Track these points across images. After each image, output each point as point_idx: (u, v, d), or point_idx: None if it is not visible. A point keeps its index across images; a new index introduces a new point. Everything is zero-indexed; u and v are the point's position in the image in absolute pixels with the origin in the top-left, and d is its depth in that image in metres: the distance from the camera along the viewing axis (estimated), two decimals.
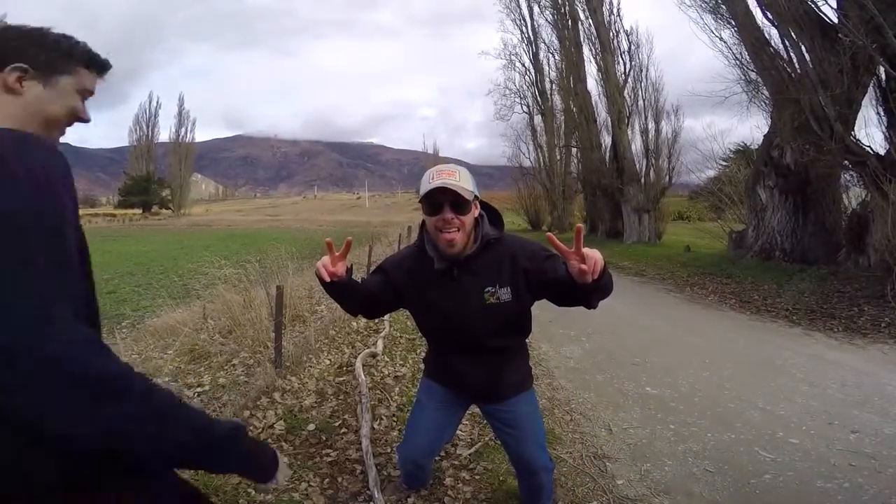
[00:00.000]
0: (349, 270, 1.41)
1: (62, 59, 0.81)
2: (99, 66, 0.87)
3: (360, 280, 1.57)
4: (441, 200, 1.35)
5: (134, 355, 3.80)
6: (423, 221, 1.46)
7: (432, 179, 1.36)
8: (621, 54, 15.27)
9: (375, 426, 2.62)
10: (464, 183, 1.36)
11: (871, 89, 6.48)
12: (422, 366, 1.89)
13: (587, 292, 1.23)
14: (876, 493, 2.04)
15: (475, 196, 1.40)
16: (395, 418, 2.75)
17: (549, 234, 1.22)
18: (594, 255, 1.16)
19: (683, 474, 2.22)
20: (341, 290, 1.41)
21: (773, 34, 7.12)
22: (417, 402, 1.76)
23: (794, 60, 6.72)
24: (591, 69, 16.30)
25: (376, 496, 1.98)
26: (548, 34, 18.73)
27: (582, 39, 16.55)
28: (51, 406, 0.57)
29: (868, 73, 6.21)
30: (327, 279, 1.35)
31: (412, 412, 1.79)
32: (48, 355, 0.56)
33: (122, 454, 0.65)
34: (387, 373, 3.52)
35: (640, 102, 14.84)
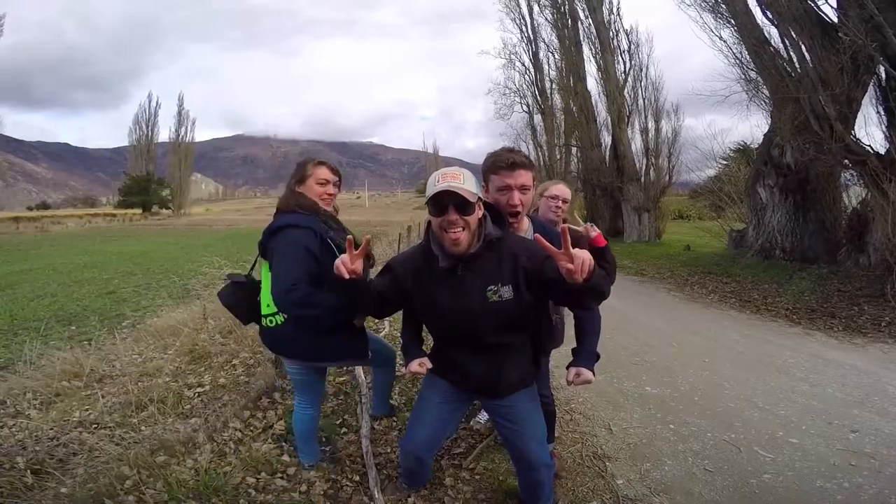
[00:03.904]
0: (366, 269, 1.46)
1: None
2: None
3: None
4: (446, 202, 1.41)
5: (134, 355, 3.80)
6: (429, 221, 1.50)
7: (437, 182, 1.42)
8: (621, 53, 15.25)
9: (375, 426, 2.62)
10: (468, 185, 1.42)
11: (871, 88, 6.47)
12: None
13: (579, 292, 1.27)
14: (875, 492, 2.04)
15: (478, 197, 1.46)
16: (394, 419, 2.75)
17: (536, 234, 1.25)
18: (582, 255, 1.21)
19: (683, 474, 2.22)
20: (357, 288, 1.48)
21: (772, 33, 7.12)
22: (420, 397, 1.80)
23: (794, 59, 6.71)
24: (590, 68, 16.27)
25: (376, 496, 1.98)
26: (547, 33, 18.66)
27: (582, 39, 16.50)
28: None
29: (868, 72, 6.20)
30: (346, 276, 1.41)
31: (415, 406, 1.82)
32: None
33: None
34: None
35: (640, 101, 14.84)
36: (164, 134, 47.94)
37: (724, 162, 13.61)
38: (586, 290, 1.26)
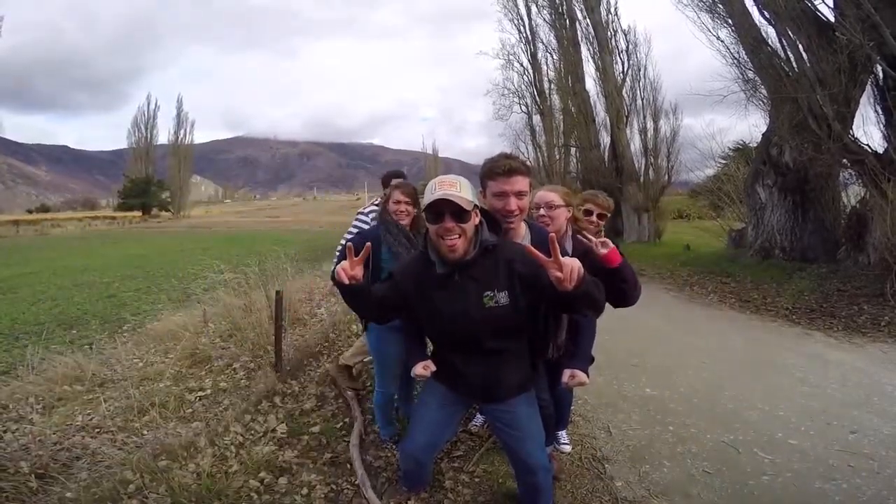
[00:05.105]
0: (366, 275, 1.51)
1: None
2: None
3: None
4: (443, 210, 1.43)
5: (135, 359, 3.82)
6: (427, 229, 1.53)
7: (434, 190, 1.45)
8: (619, 54, 15.23)
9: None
10: (464, 193, 1.45)
11: (868, 87, 6.46)
12: None
13: (571, 299, 1.31)
14: (874, 493, 2.05)
15: (475, 205, 1.48)
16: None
17: (526, 244, 1.27)
18: (571, 263, 1.25)
19: (682, 476, 2.23)
20: (357, 293, 1.50)
21: (770, 33, 7.12)
22: (420, 401, 1.83)
23: (792, 59, 6.71)
24: (589, 69, 16.21)
25: (374, 500, 2.00)
26: (546, 34, 18.60)
27: (580, 39, 16.48)
28: None
29: (866, 71, 6.19)
30: (346, 282, 1.43)
31: (415, 410, 1.86)
32: None
33: None
34: None
35: (639, 101, 14.81)
36: (163, 136, 47.89)
37: (724, 161, 13.62)
38: (577, 297, 1.30)
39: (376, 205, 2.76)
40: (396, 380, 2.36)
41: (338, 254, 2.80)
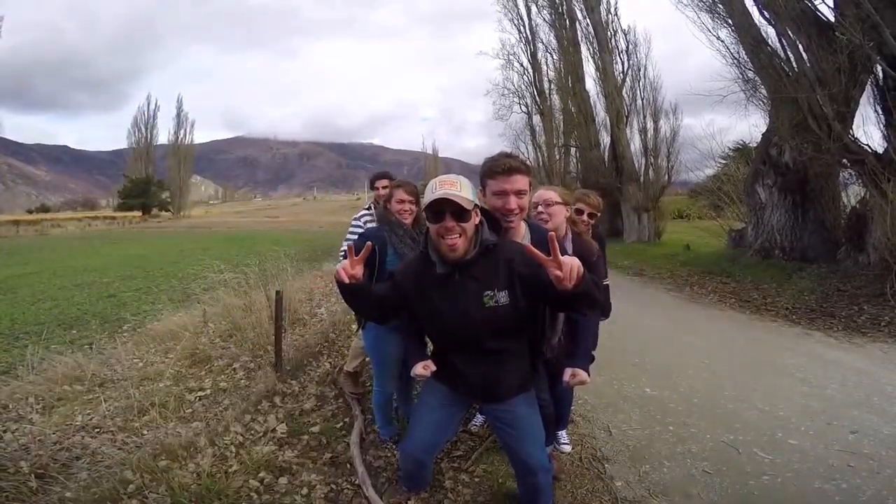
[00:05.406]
0: (367, 275, 1.52)
1: None
2: None
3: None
4: (443, 209, 1.44)
5: (135, 359, 3.82)
6: (427, 228, 1.54)
7: (435, 190, 1.45)
8: (619, 54, 15.25)
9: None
10: (464, 193, 1.45)
11: (868, 87, 6.47)
12: None
13: (571, 298, 1.31)
14: (874, 493, 2.05)
15: (475, 205, 1.48)
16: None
17: (526, 244, 1.28)
18: (570, 262, 1.25)
19: (682, 476, 2.23)
20: (357, 293, 1.51)
21: (770, 33, 7.13)
22: (420, 401, 1.84)
23: (792, 59, 6.72)
24: (589, 69, 16.25)
25: (375, 499, 2.00)
26: (545, 34, 18.63)
27: (580, 39, 16.51)
28: None
29: (865, 71, 6.20)
30: (346, 281, 1.44)
31: (415, 410, 1.87)
32: None
33: None
34: None
35: (639, 101, 14.84)
36: (163, 136, 47.87)
37: (724, 161, 13.63)
38: (577, 296, 1.30)
39: (367, 209, 2.76)
40: (395, 379, 2.36)
41: (341, 257, 2.79)
